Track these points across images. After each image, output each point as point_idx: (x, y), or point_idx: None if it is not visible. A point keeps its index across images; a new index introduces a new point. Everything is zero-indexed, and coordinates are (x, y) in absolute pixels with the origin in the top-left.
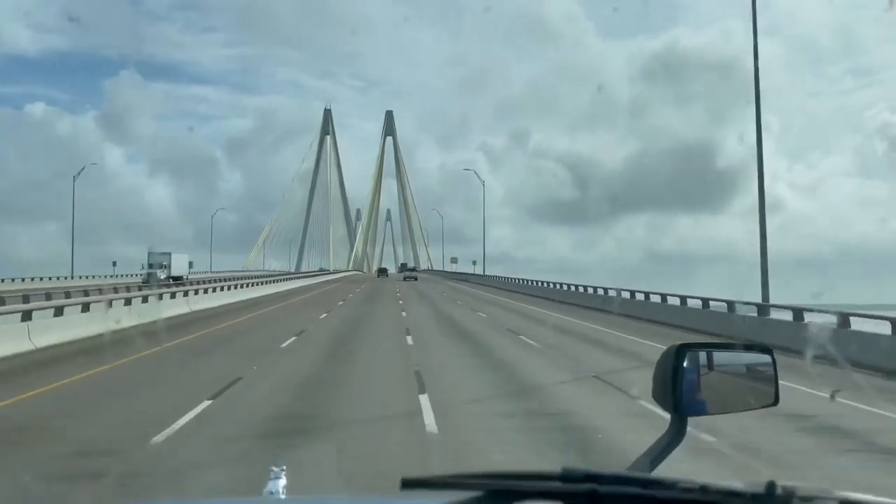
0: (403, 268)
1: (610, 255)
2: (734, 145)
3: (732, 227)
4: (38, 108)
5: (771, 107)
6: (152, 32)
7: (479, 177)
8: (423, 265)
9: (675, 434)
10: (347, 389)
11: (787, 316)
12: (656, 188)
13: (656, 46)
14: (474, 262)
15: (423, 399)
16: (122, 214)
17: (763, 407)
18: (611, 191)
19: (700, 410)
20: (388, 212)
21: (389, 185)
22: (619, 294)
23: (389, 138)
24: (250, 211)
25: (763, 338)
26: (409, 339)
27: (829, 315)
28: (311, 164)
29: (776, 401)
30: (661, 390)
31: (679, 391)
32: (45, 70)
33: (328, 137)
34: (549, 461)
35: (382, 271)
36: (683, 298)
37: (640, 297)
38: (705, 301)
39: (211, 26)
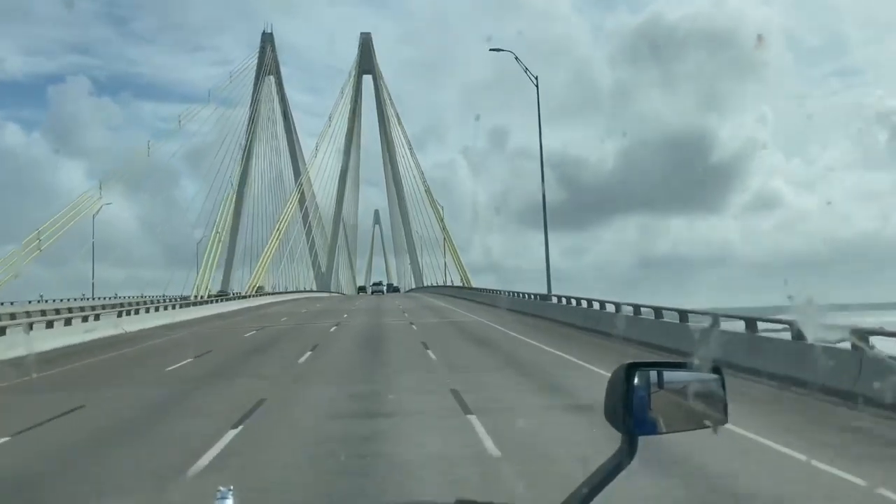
0: (389, 288)
1: (599, 260)
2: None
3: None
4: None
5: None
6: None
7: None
8: (430, 280)
9: (626, 454)
10: None
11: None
12: (643, 185)
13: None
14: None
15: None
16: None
17: (713, 426)
18: (589, 189)
19: (651, 430)
20: (377, 213)
21: (369, 193)
22: None
23: (368, 77)
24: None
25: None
26: None
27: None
28: (241, 108)
29: (726, 419)
30: (612, 410)
31: (630, 411)
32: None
33: (271, 78)
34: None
35: (362, 289)
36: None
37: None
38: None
39: (199, 45)
